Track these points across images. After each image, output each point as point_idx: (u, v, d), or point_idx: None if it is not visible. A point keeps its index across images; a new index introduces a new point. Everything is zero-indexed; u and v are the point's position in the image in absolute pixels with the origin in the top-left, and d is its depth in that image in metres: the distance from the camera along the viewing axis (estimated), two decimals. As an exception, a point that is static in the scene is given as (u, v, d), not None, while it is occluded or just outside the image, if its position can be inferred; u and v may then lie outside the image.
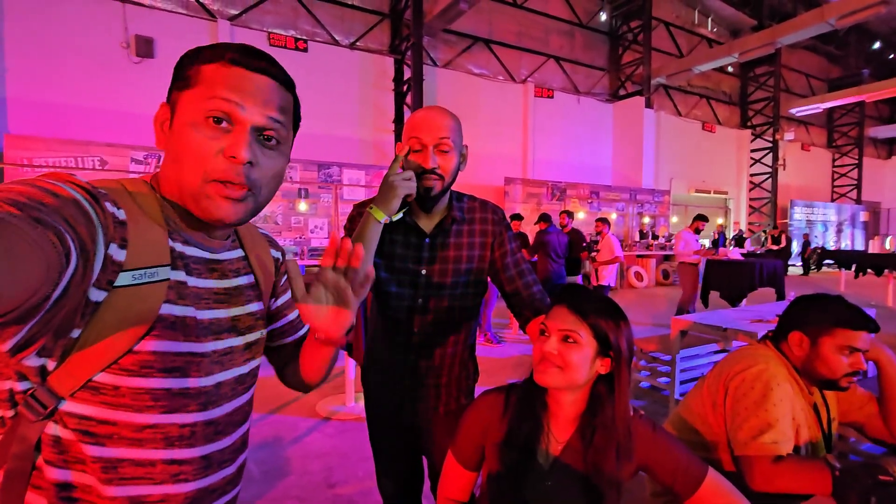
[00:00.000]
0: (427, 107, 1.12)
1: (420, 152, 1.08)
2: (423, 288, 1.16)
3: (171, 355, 0.59)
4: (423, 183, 1.09)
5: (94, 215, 0.50)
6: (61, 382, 0.55)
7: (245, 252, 0.74)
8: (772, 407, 1.14)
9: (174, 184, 0.61)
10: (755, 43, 12.09)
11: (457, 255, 1.18)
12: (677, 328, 3.24)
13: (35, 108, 7.23)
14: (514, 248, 1.25)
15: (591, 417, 0.92)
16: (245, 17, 8.85)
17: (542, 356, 0.92)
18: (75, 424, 0.56)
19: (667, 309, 7.63)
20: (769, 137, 16.07)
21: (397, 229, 1.18)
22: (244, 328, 0.70)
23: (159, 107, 0.62)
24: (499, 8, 11.37)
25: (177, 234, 0.63)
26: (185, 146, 0.58)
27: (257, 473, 2.44)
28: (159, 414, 0.60)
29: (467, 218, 1.21)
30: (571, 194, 11.45)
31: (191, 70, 0.59)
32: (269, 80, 0.61)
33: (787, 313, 1.31)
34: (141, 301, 0.56)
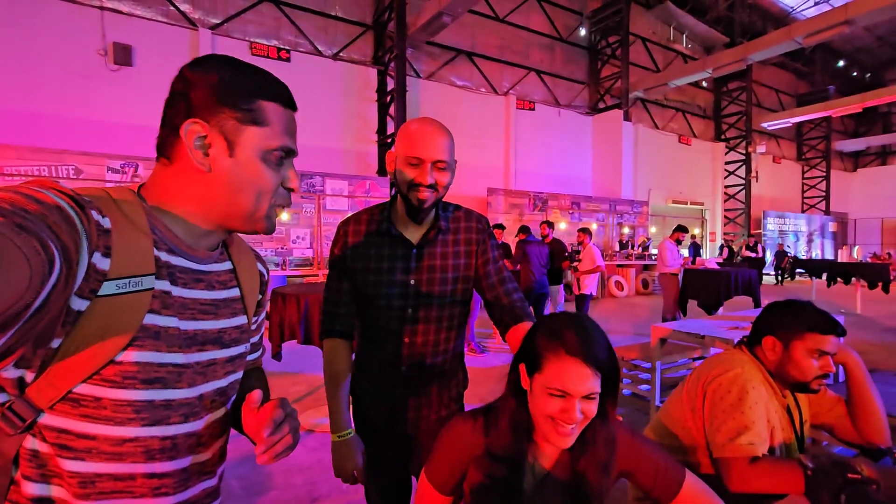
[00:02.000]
0: (424, 120, 1.13)
1: (417, 167, 1.10)
2: (413, 298, 1.17)
3: (154, 366, 0.59)
4: (417, 194, 1.10)
5: (78, 223, 0.49)
6: (41, 394, 0.54)
7: (233, 265, 0.74)
8: (748, 409, 1.18)
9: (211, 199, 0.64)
10: (727, 59, 12.54)
11: (443, 265, 1.19)
12: (657, 336, 3.30)
13: (8, 117, 7.04)
14: (496, 257, 1.27)
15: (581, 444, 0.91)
16: (227, 26, 8.82)
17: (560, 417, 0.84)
18: (54, 438, 0.55)
19: (647, 317, 7.76)
20: (742, 150, 16.60)
21: (383, 242, 1.19)
22: (229, 341, 0.70)
23: (193, 122, 0.60)
24: (481, 22, 11.57)
25: (162, 243, 0.62)
26: (256, 178, 0.64)
27: (238, 489, 2.39)
28: (140, 427, 0.59)
29: (452, 227, 1.23)
30: (553, 205, 11.61)
31: (253, 105, 0.63)
32: (294, 114, 0.71)
33: (761, 319, 1.36)
34: (124, 310, 0.56)
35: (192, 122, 0.61)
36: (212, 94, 0.61)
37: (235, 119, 0.62)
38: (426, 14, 9.37)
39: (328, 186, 8.76)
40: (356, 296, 1.21)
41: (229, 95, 0.62)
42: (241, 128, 0.62)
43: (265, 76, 0.66)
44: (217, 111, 0.61)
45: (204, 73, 0.62)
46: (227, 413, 0.73)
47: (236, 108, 0.62)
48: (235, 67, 0.64)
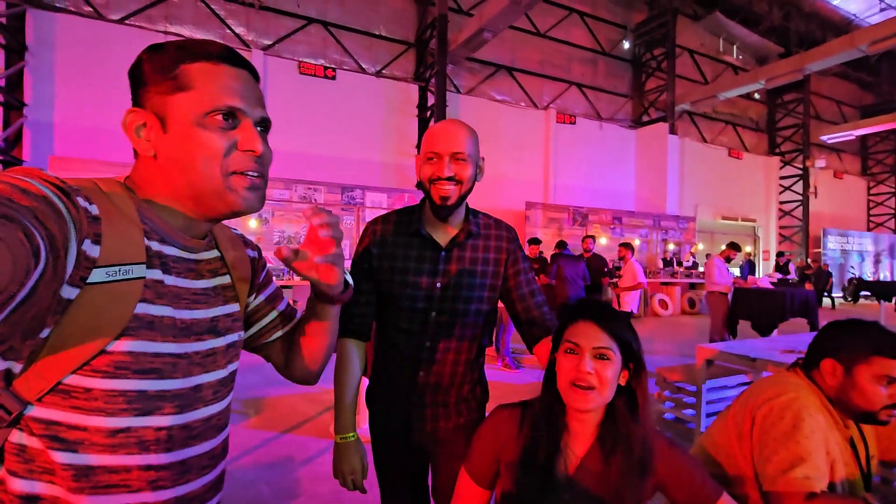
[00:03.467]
0: (444, 120, 1.13)
1: (435, 161, 1.08)
2: (438, 301, 1.14)
3: (148, 356, 0.57)
4: (438, 191, 1.08)
5: (65, 211, 0.48)
6: (28, 386, 0.52)
7: (221, 252, 0.73)
8: (803, 439, 1.07)
9: (172, 184, 0.62)
10: (782, 70, 11.97)
11: (471, 269, 1.16)
12: (703, 357, 3.11)
13: (79, 132, 7.64)
14: (525, 268, 1.23)
15: (609, 430, 0.90)
16: (277, 46, 9.26)
17: (576, 376, 0.88)
18: (42, 430, 0.54)
19: (692, 338, 7.38)
20: (799, 164, 15.71)
21: (411, 243, 1.17)
22: (223, 329, 0.69)
23: (127, 113, 0.60)
24: (521, 37, 11.61)
25: (153, 233, 0.61)
26: (196, 146, 0.59)
27: (268, 494, 2.41)
28: (132, 417, 0.57)
29: (483, 234, 1.20)
30: (593, 219, 11.35)
31: (175, 72, 0.59)
32: (249, 74, 0.64)
33: (819, 339, 1.24)
34: (115, 299, 0.54)
35: (127, 112, 0.60)
36: (137, 78, 0.60)
37: (160, 93, 0.59)
38: (467, 31, 9.51)
39: (368, 199, 8.94)
40: (378, 297, 1.19)
41: (152, 71, 0.59)
42: (166, 100, 0.59)
43: (189, 41, 0.61)
44: (145, 93, 0.60)
45: (135, 63, 0.61)
46: (228, 406, 0.72)
47: (160, 82, 0.59)
48: (159, 45, 0.61)
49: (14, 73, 7.19)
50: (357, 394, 1.18)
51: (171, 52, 0.60)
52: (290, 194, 8.25)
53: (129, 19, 8.11)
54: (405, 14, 10.43)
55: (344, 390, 1.16)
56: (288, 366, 0.86)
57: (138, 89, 0.61)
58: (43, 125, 7.51)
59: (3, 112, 7.15)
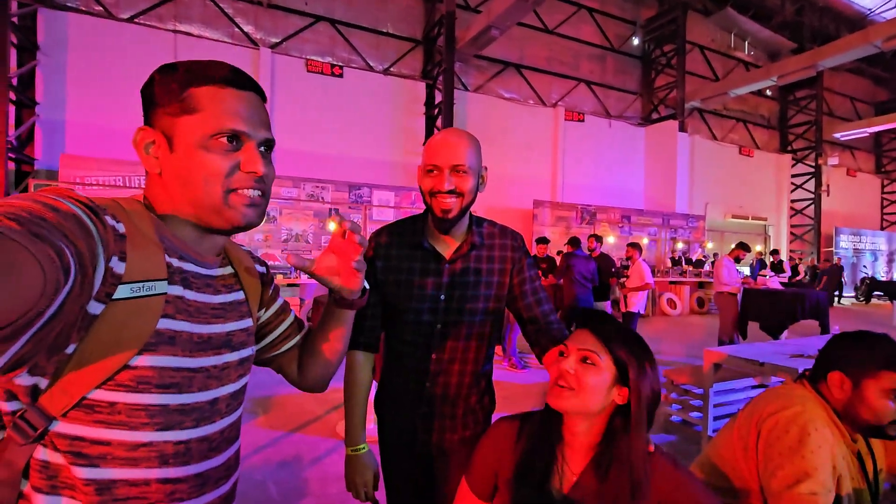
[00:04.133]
0: (445, 131, 1.12)
1: (435, 174, 1.07)
2: (443, 313, 1.14)
3: (170, 370, 0.59)
4: (439, 203, 1.07)
5: (93, 230, 0.50)
6: (54, 401, 0.54)
7: (234, 268, 0.75)
8: (809, 454, 1.06)
9: (179, 201, 0.64)
10: (795, 66, 11.78)
11: (475, 281, 1.16)
12: (710, 361, 3.09)
13: (90, 131, 7.72)
14: (532, 276, 1.22)
15: (606, 450, 0.89)
16: (285, 44, 9.28)
17: (558, 375, 0.90)
18: (66, 446, 0.55)
19: (701, 339, 7.33)
20: (811, 162, 15.50)
21: (415, 256, 1.17)
22: (238, 343, 0.71)
23: (138, 131, 0.63)
24: (530, 34, 11.54)
25: (172, 250, 0.63)
26: (200, 167, 0.62)
27: (276, 494, 2.44)
28: (154, 431, 0.59)
29: (487, 244, 1.19)
30: (602, 218, 11.28)
31: (184, 94, 0.61)
32: (255, 95, 0.66)
33: (827, 351, 1.23)
34: (138, 315, 0.56)
35: (137, 130, 0.63)
36: (148, 99, 0.63)
37: (168, 114, 0.62)
38: (475, 28, 9.46)
39: (375, 197, 8.96)
40: (384, 309, 1.20)
41: (163, 93, 0.62)
42: (174, 121, 0.62)
43: (198, 64, 0.63)
44: (154, 113, 0.63)
45: (147, 83, 0.64)
46: (239, 419, 0.74)
47: (168, 103, 0.62)
48: (170, 66, 0.63)
49: (26, 72, 7.28)
50: (366, 406, 1.20)
51: (180, 75, 0.62)
52: (297, 192, 8.29)
53: (138, 18, 8.16)
54: (413, 11, 10.40)
55: (353, 403, 1.17)
56: (301, 374, 0.89)
57: (149, 108, 0.63)
58: (55, 123, 7.60)
59: (16, 111, 7.24)
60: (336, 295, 0.81)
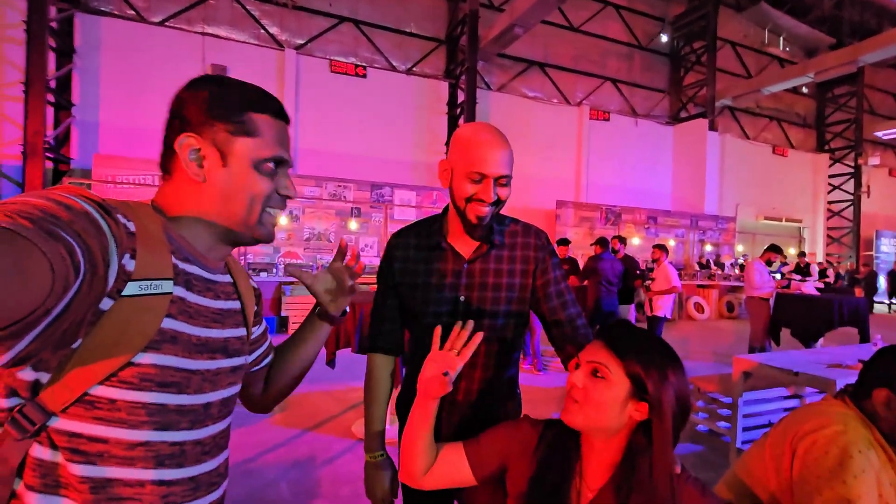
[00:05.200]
0: (481, 129, 1.04)
1: (479, 183, 1.01)
2: (462, 315, 1.09)
3: (171, 370, 0.60)
4: (476, 211, 1.02)
5: (106, 228, 0.51)
6: (55, 397, 0.54)
7: (233, 279, 0.77)
8: (852, 479, 0.97)
9: (211, 210, 0.67)
10: (834, 62, 11.29)
11: (496, 282, 1.11)
12: (740, 369, 2.95)
13: (122, 131, 7.97)
14: (557, 277, 1.15)
15: (626, 471, 0.82)
16: (310, 46, 9.39)
17: (569, 387, 0.86)
18: (64, 442, 0.55)
19: (730, 344, 7.07)
20: (850, 162, 14.82)
21: (433, 257, 1.13)
22: (233, 351, 0.72)
23: (185, 136, 0.64)
24: (554, 32, 11.37)
25: (178, 251, 0.65)
26: (251, 186, 0.67)
27: (287, 493, 2.43)
28: (152, 430, 0.59)
29: (508, 243, 1.13)
30: (627, 219, 11.04)
31: (243, 117, 0.66)
32: (287, 126, 0.73)
33: (873, 366, 1.12)
34: (145, 312, 0.57)
35: (185, 136, 0.64)
36: (203, 110, 0.65)
37: (227, 131, 0.65)
38: (498, 27, 9.38)
39: (396, 196, 8.97)
40: (404, 312, 1.16)
41: (220, 109, 0.65)
42: (232, 139, 0.65)
43: (254, 90, 0.69)
44: (209, 124, 0.65)
45: (195, 91, 0.65)
46: (229, 427, 0.74)
47: (227, 120, 0.65)
48: (224, 84, 0.67)
49: (63, 74, 7.56)
50: (386, 409, 1.17)
51: (238, 96, 0.67)
52: (320, 192, 8.37)
53: (168, 21, 8.38)
54: (436, 11, 10.38)
55: (372, 408, 1.15)
56: (266, 391, 0.92)
57: (196, 117, 0.64)
58: (89, 124, 7.87)
59: (54, 112, 7.53)
60: (321, 309, 0.91)
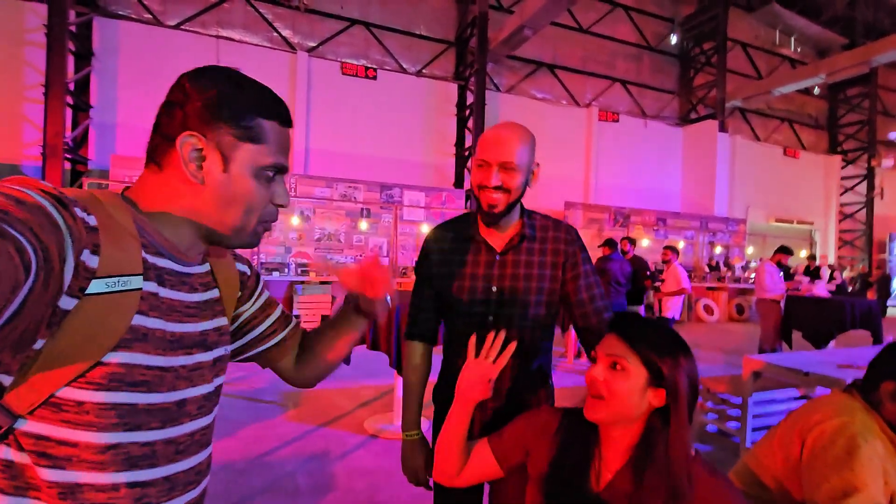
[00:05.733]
0: (500, 125, 1.11)
1: (484, 169, 1.09)
2: (495, 305, 1.15)
3: (141, 368, 0.57)
4: (485, 198, 1.09)
5: (61, 222, 0.47)
6: (20, 399, 0.52)
7: (210, 266, 0.74)
8: (859, 467, 1.01)
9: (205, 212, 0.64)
10: (846, 62, 11.18)
11: (527, 273, 1.16)
12: (749, 369, 2.97)
13: (139, 133, 8.10)
14: (587, 271, 1.19)
15: (643, 454, 0.87)
16: (321, 48, 9.49)
17: (590, 383, 0.90)
18: (31, 445, 0.53)
19: (739, 346, 7.04)
20: (863, 164, 14.65)
21: (467, 248, 1.19)
22: (211, 343, 0.69)
23: (187, 135, 0.60)
24: (563, 33, 11.38)
25: (150, 245, 0.61)
26: (247, 193, 0.64)
27: (304, 487, 2.49)
28: (122, 432, 0.57)
29: (539, 236, 1.19)
30: (636, 220, 11.01)
31: (252, 122, 0.62)
32: (290, 131, 0.70)
33: (880, 360, 1.16)
34: (113, 310, 0.54)
35: (189, 134, 0.60)
36: (210, 109, 0.61)
37: (232, 135, 0.62)
38: (507, 28, 9.41)
39: (406, 198, 9.03)
40: (440, 303, 1.23)
41: (228, 111, 0.61)
42: (237, 144, 0.62)
43: (264, 93, 0.65)
44: (214, 126, 0.61)
45: (204, 86, 0.61)
46: (212, 423, 0.72)
47: (234, 124, 0.61)
48: (235, 83, 0.63)
49: (82, 77, 7.72)
50: (423, 393, 1.24)
51: (248, 100, 0.63)
52: (330, 192, 8.46)
53: (184, 25, 8.52)
54: (446, 13, 10.44)
55: (410, 390, 1.23)
56: (299, 370, 0.90)
57: (202, 117, 0.61)
58: (106, 126, 8.02)
59: (72, 114, 7.69)
60: (356, 302, 0.87)
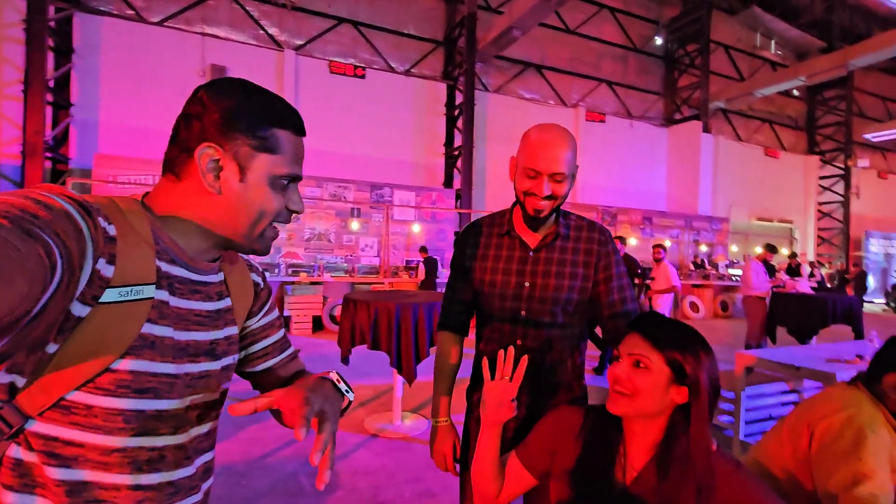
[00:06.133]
0: (545, 129, 1.11)
1: (534, 178, 1.10)
2: (527, 301, 1.17)
3: (148, 375, 0.59)
4: (533, 205, 1.11)
5: (85, 229, 0.49)
6: (31, 400, 0.53)
7: (224, 276, 0.74)
8: (868, 456, 1.05)
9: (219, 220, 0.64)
10: (824, 65, 11.50)
11: (560, 271, 1.18)
12: (742, 364, 3.04)
13: (122, 131, 7.95)
14: (620, 273, 1.21)
15: (667, 449, 0.88)
16: (309, 46, 9.42)
17: (614, 381, 0.91)
18: (41, 445, 0.55)
19: (725, 343, 7.19)
20: (840, 164, 15.08)
21: (502, 244, 1.22)
22: (220, 352, 0.70)
23: (206, 146, 0.61)
24: (551, 34, 11.49)
25: (164, 253, 0.62)
26: (263, 202, 0.65)
27: (307, 487, 2.48)
28: (128, 437, 0.58)
29: (573, 236, 1.21)
30: (622, 219, 11.16)
31: (268, 132, 0.63)
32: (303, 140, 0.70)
33: (883, 354, 1.21)
34: (124, 319, 0.56)
35: (207, 145, 0.61)
36: (227, 120, 0.61)
37: (249, 146, 0.62)
38: (496, 29, 9.46)
39: (396, 197, 9.01)
40: (473, 295, 1.26)
41: (245, 122, 0.62)
42: (254, 154, 0.63)
43: (279, 103, 0.66)
44: (232, 137, 0.62)
45: (220, 97, 0.62)
46: (215, 428, 0.73)
47: (251, 135, 0.62)
48: (251, 93, 0.64)
49: (62, 74, 7.53)
50: (453, 382, 1.26)
51: (262, 110, 0.63)
52: (320, 192, 8.39)
53: (168, 21, 8.37)
54: (434, 13, 10.45)
55: (440, 379, 1.25)
56: None
57: (220, 127, 0.61)
58: (88, 124, 7.85)
59: (52, 112, 7.50)
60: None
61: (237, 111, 0.62)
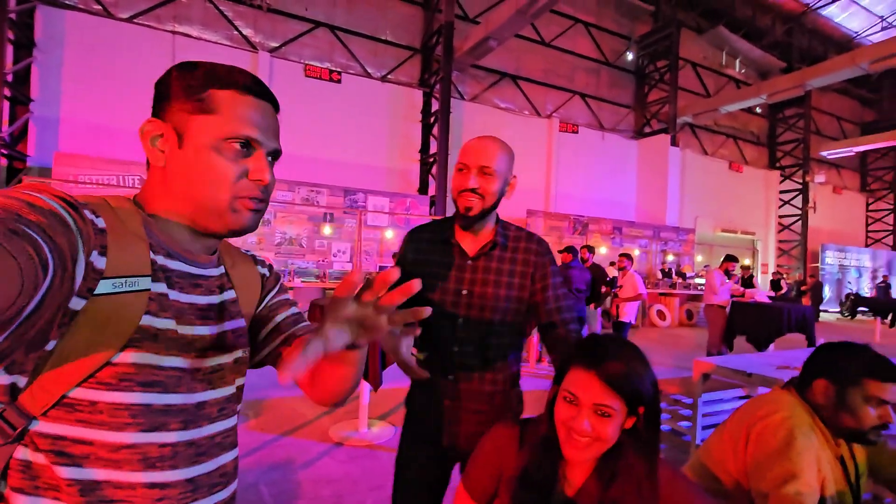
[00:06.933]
0: (481, 136, 1.19)
1: (463, 172, 1.16)
2: (465, 307, 1.19)
3: (153, 369, 0.58)
4: (462, 200, 1.15)
5: (72, 224, 0.49)
6: (34, 400, 0.53)
7: (225, 269, 0.73)
8: (796, 456, 1.11)
9: (178, 199, 0.63)
10: (784, 85, 12.07)
11: (497, 280, 1.20)
12: (700, 371, 3.15)
13: (84, 129, 7.68)
14: (556, 283, 1.24)
15: (609, 465, 0.89)
16: (284, 49, 9.33)
17: (573, 427, 0.85)
18: (48, 445, 0.54)
19: (690, 350, 7.41)
20: (799, 179, 15.80)
21: (442, 250, 1.23)
22: (229, 345, 0.69)
23: (146, 122, 0.61)
24: (527, 46, 11.70)
25: (160, 247, 0.62)
26: (209, 168, 0.61)
27: (268, 496, 2.44)
28: (137, 432, 0.57)
29: (511, 245, 1.24)
30: (594, 229, 11.40)
31: (203, 94, 0.61)
32: (271, 106, 0.67)
33: (813, 360, 1.28)
34: (121, 310, 0.55)
35: (147, 122, 0.62)
36: (166, 92, 0.62)
37: (184, 110, 0.61)
38: (473, 38, 9.58)
39: (370, 203, 8.98)
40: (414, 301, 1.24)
41: (180, 89, 0.61)
42: (188, 118, 0.61)
43: (220, 66, 0.63)
44: (169, 107, 0.62)
45: (164, 77, 0.63)
46: (235, 425, 0.71)
47: (186, 99, 0.61)
48: (191, 64, 0.63)
49: (22, 68, 7.24)
50: None
51: (201, 74, 0.62)
52: (292, 196, 8.29)
53: (137, 18, 8.16)
54: (412, 20, 10.51)
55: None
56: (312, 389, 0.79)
57: (161, 102, 0.63)
58: (48, 121, 7.55)
59: (10, 107, 7.19)
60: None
61: (173, 81, 0.62)
